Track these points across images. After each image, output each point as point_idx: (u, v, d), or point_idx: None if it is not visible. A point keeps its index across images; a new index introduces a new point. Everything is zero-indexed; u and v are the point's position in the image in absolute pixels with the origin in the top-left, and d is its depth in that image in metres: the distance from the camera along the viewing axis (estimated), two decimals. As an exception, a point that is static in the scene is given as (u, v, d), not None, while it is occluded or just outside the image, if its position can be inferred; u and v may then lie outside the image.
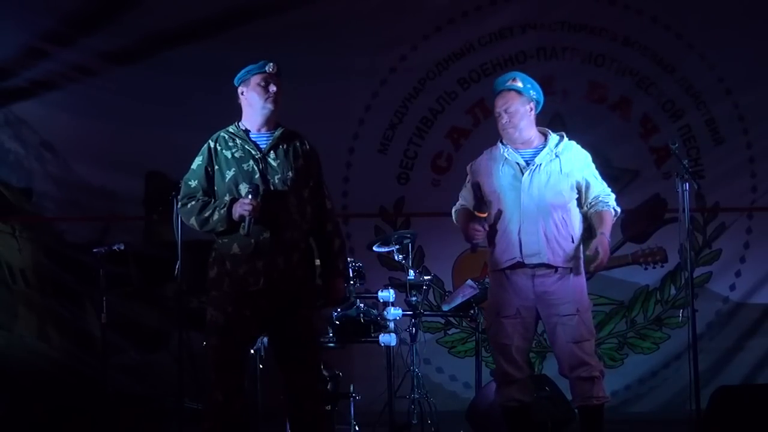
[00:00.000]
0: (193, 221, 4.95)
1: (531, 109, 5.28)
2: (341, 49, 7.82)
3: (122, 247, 6.34)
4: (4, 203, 7.75)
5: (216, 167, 4.95)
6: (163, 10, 7.78)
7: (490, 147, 5.41)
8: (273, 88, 4.94)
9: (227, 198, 4.87)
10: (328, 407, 6.02)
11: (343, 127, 7.90)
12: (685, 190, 5.47)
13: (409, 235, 6.55)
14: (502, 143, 5.33)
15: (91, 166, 7.85)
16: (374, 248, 6.71)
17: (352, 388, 6.27)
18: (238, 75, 5.01)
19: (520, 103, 5.24)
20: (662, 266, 7.88)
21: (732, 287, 7.85)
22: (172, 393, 5.98)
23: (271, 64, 4.99)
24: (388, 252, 6.70)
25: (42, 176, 7.90)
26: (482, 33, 7.96)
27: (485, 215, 5.24)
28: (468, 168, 5.47)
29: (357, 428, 6.24)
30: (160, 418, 6.57)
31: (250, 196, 4.80)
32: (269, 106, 4.93)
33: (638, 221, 7.88)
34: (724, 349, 7.77)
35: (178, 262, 5.37)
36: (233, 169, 4.92)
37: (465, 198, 5.44)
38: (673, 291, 7.87)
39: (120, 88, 7.80)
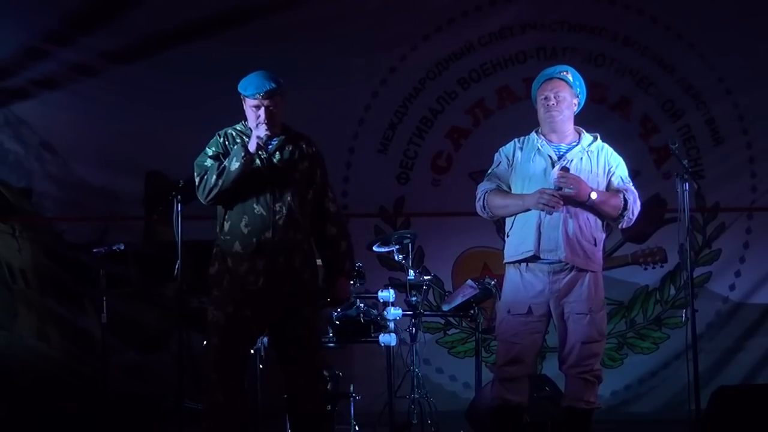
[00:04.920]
0: (213, 181, 4.84)
1: (575, 104, 5.26)
2: (341, 49, 7.82)
3: (122, 247, 6.34)
4: (4, 203, 7.75)
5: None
6: (164, 10, 7.78)
7: (521, 137, 5.33)
8: (261, 114, 4.88)
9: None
10: (328, 407, 6.01)
11: (343, 127, 7.90)
12: (685, 190, 5.46)
13: (409, 235, 6.55)
14: (537, 134, 5.27)
15: (91, 166, 7.84)
16: (374, 248, 6.71)
17: (352, 388, 6.27)
18: (239, 84, 4.97)
19: (568, 93, 5.22)
20: (662, 266, 7.89)
21: (732, 287, 7.85)
22: (172, 393, 5.98)
23: (259, 93, 4.88)
24: (388, 252, 6.69)
25: (42, 176, 7.89)
26: (482, 33, 7.95)
27: None
28: (497, 155, 5.36)
29: (357, 428, 6.24)
30: (160, 418, 6.56)
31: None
32: (259, 131, 4.89)
33: (638, 221, 7.89)
34: (724, 349, 7.77)
35: (178, 262, 5.37)
36: None
37: (499, 177, 5.30)
38: (672, 291, 7.87)
39: (120, 88, 7.80)
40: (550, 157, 5.21)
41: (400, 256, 6.50)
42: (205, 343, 4.99)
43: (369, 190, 7.97)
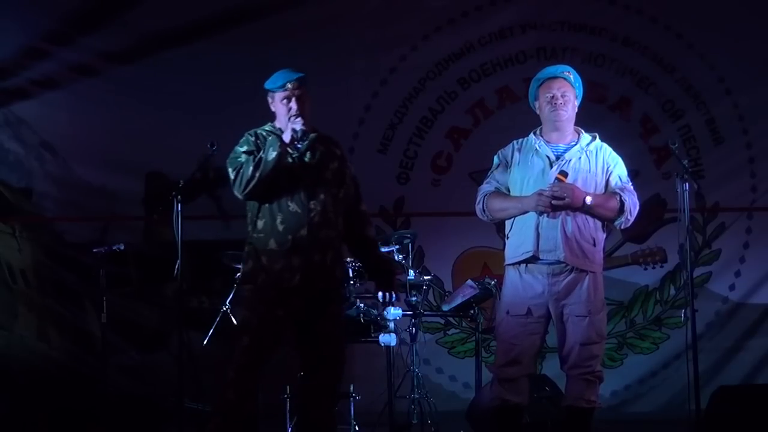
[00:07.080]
0: (250, 173, 4.81)
1: (576, 106, 5.29)
2: (341, 49, 7.82)
3: (122, 247, 6.35)
4: (4, 203, 7.75)
5: None
6: (163, 10, 7.77)
7: (519, 138, 5.35)
8: (294, 106, 4.92)
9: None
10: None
11: (343, 127, 7.87)
12: (685, 190, 5.46)
13: (409, 235, 6.55)
14: (535, 135, 5.28)
15: (91, 166, 7.84)
16: (374, 248, 6.70)
17: (352, 388, 6.26)
18: (266, 82, 5.00)
19: (572, 93, 5.26)
20: (662, 266, 7.89)
21: (732, 287, 7.85)
22: (172, 393, 5.98)
23: (290, 83, 4.94)
24: (388, 252, 6.68)
25: (42, 176, 7.89)
26: (482, 33, 7.95)
27: None
28: (495, 157, 5.38)
29: (357, 428, 6.24)
30: (160, 418, 6.57)
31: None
32: (295, 124, 4.90)
33: (638, 221, 7.89)
34: (724, 349, 7.77)
35: (178, 262, 5.37)
36: None
37: (497, 179, 5.32)
38: (672, 291, 7.87)
39: (120, 88, 7.79)
40: (548, 157, 5.21)
41: (400, 256, 6.50)
42: (237, 340, 4.91)
43: (369, 190, 7.81)
